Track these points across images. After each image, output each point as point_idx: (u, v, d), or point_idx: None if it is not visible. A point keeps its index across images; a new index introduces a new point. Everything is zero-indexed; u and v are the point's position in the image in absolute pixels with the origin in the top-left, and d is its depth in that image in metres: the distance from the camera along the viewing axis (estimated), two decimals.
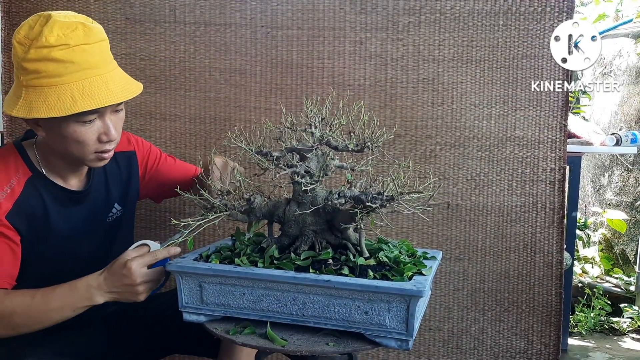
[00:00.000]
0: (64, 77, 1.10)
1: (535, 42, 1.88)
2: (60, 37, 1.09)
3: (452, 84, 1.91)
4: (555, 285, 1.94)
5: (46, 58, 1.09)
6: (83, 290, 1.15)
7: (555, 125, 1.90)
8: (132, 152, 1.46)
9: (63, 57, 1.09)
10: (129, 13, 1.95)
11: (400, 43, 1.91)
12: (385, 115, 1.93)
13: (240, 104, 1.96)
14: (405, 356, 2.02)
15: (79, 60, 1.11)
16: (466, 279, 1.98)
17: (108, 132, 1.18)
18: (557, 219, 1.92)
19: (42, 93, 1.10)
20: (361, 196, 1.10)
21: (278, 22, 1.93)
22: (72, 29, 1.11)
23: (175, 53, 1.95)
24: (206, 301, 1.13)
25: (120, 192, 1.42)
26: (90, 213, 1.34)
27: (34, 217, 1.23)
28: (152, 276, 1.17)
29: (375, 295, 1.02)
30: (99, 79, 1.14)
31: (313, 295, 1.06)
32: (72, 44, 1.10)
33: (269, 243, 1.21)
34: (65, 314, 1.15)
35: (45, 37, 1.09)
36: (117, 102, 1.16)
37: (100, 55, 1.15)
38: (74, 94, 1.10)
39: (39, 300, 1.14)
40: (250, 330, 1.09)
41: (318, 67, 1.93)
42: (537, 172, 1.92)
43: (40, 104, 1.10)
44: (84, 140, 1.16)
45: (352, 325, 1.05)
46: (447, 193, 1.93)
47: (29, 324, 1.15)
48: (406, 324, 1.02)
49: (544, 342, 1.97)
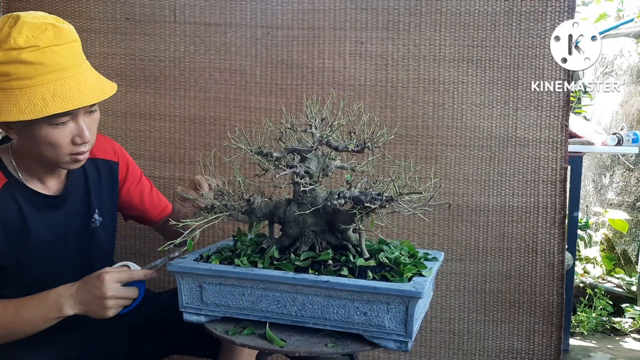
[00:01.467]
0: (35, 80, 1.08)
1: (536, 41, 1.87)
2: (30, 39, 1.07)
3: (453, 84, 1.91)
4: (557, 285, 1.94)
5: (16, 60, 1.06)
6: (53, 301, 1.14)
7: (557, 125, 1.89)
8: (116, 164, 1.43)
9: (33, 59, 1.07)
10: (129, 13, 1.94)
11: (401, 43, 1.91)
12: (386, 116, 1.92)
13: (240, 104, 1.96)
14: (407, 357, 2.01)
15: (49, 62, 1.08)
16: (467, 280, 1.97)
17: (82, 134, 1.15)
18: (558, 219, 1.92)
19: (13, 96, 1.07)
20: (361, 197, 1.10)
21: (278, 22, 1.93)
22: (42, 30, 1.08)
23: (175, 53, 1.95)
24: (206, 301, 1.13)
25: (100, 199, 1.39)
26: (69, 219, 1.31)
27: (10, 225, 1.20)
28: (124, 293, 1.16)
29: (374, 296, 1.02)
30: (71, 81, 1.11)
31: (312, 296, 1.06)
32: (42, 45, 1.07)
33: (269, 244, 1.21)
34: (37, 325, 1.15)
35: (14, 39, 1.06)
36: (89, 103, 1.13)
37: (72, 56, 1.12)
38: (45, 96, 1.07)
39: (10, 312, 1.13)
40: (250, 330, 1.09)
41: (318, 67, 1.93)
42: (539, 172, 1.91)
43: (11, 107, 1.07)
44: (57, 142, 1.14)
45: (351, 327, 1.05)
46: (448, 193, 1.93)
47: (2, 335, 1.15)
48: (405, 325, 1.02)
49: (545, 343, 1.96)
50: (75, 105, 1.10)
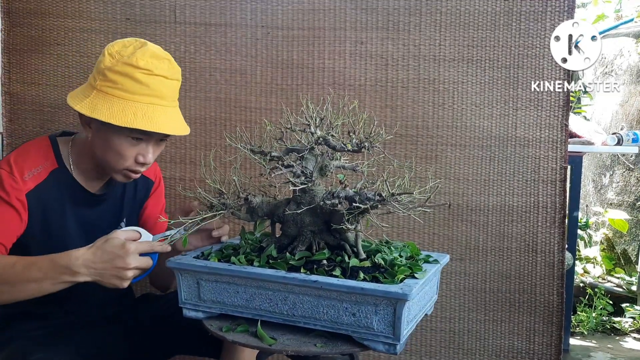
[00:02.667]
0: (135, 96, 1.21)
1: (536, 41, 1.88)
2: (148, 63, 1.21)
3: (453, 84, 1.91)
4: (557, 285, 1.94)
5: (129, 75, 1.20)
6: (67, 264, 1.11)
7: (557, 125, 1.90)
8: (152, 182, 1.52)
9: (143, 79, 1.21)
10: (129, 14, 1.95)
11: (401, 43, 1.91)
12: (386, 115, 1.92)
13: (240, 105, 1.96)
14: (407, 356, 2.02)
15: (154, 87, 1.22)
16: (467, 279, 1.97)
17: (146, 155, 1.26)
18: (558, 219, 1.92)
19: (109, 101, 1.20)
20: (354, 197, 1.10)
21: (278, 23, 1.93)
22: (160, 60, 1.23)
23: (175, 53, 1.95)
24: (203, 298, 1.15)
25: (130, 209, 1.47)
26: (100, 220, 1.38)
27: (48, 207, 1.28)
28: (143, 264, 1.16)
29: (362, 297, 1.01)
30: (162, 109, 1.23)
31: (302, 295, 1.06)
32: (156, 72, 1.22)
33: (269, 243, 1.22)
34: (44, 287, 1.13)
35: (137, 58, 1.20)
36: (169, 132, 1.25)
37: (171, 91, 1.27)
38: (137, 113, 1.20)
39: (19, 268, 1.13)
40: (244, 328, 1.10)
41: (319, 67, 1.93)
42: (539, 172, 1.91)
43: (105, 109, 1.19)
44: (124, 154, 1.24)
45: (341, 327, 1.05)
46: (448, 193, 1.93)
47: (7, 290, 1.14)
48: (393, 327, 1.00)
49: (545, 342, 1.96)
50: (157, 129, 1.21)
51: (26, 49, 1.97)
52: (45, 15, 1.95)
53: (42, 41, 1.96)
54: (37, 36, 1.96)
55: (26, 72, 1.97)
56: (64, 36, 1.96)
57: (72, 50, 1.96)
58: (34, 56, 1.97)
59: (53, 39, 1.96)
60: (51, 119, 1.98)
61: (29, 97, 1.98)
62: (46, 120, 1.98)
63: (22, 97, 1.98)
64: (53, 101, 1.97)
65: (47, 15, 1.95)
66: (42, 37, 1.96)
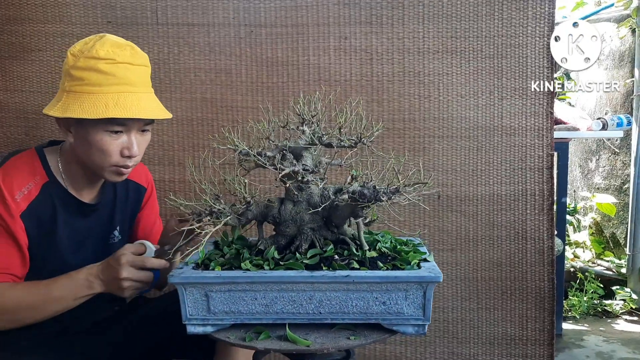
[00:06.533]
0: (103, 87, 1.19)
1: (519, 30, 1.89)
2: (109, 52, 1.20)
3: (438, 76, 1.92)
4: (548, 271, 1.96)
5: (92, 68, 1.19)
6: (84, 280, 1.21)
7: (542, 113, 1.91)
8: (144, 189, 1.52)
9: (107, 69, 1.19)
10: (110, 16, 1.93)
11: (385, 37, 1.92)
12: (372, 110, 1.93)
13: (226, 104, 1.96)
14: (402, 347, 2.03)
15: (120, 75, 1.20)
16: (459, 269, 1.99)
17: (130, 148, 1.24)
18: (546, 206, 1.94)
19: (80, 98, 1.20)
20: (365, 191, 1.08)
21: (261, 20, 1.93)
22: (122, 48, 1.22)
23: (159, 55, 1.94)
24: (214, 310, 1.09)
25: (123, 218, 1.47)
26: (93, 229, 1.39)
27: (42, 222, 1.28)
28: (138, 277, 1.20)
29: (394, 285, 1.05)
30: (133, 96, 1.22)
31: (330, 292, 1.06)
32: (118, 60, 1.20)
33: (265, 245, 1.19)
34: (68, 303, 1.21)
35: (96, 49, 1.20)
36: (144, 117, 1.23)
37: (140, 77, 1.25)
38: (108, 103, 1.18)
39: (42, 292, 1.20)
40: (266, 335, 1.07)
41: (303, 64, 1.93)
42: (525, 159, 1.93)
43: (76, 107, 1.19)
44: (108, 150, 1.23)
45: (370, 317, 1.07)
46: (436, 184, 1.94)
47: (32, 315, 1.21)
48: (423, 309, 1.06)
49: (538, 328, 1.99)
50: (131, 114, 1.19)
51: (7, 55, 1.95)
52: (26, 22, 1.93)
53: (23, 47, 1.94)
54: (17, 42, 1.94)
55: (8, 79, 1.95)
56: (45, 42, 1.94)
57: (54, 55, 1.94)
58: (15, 63, 1.95)
59: (34, 45, 1.94)
60: (36, 126, 1.96)
61: (13, 104, 1.96)
62: (31, 127, 1.96)
63: (6, 104, 1.96)
64: (37, 107, 1.95)
65: (27, 22, 1.93)
66: (23, 43, 1.94)
